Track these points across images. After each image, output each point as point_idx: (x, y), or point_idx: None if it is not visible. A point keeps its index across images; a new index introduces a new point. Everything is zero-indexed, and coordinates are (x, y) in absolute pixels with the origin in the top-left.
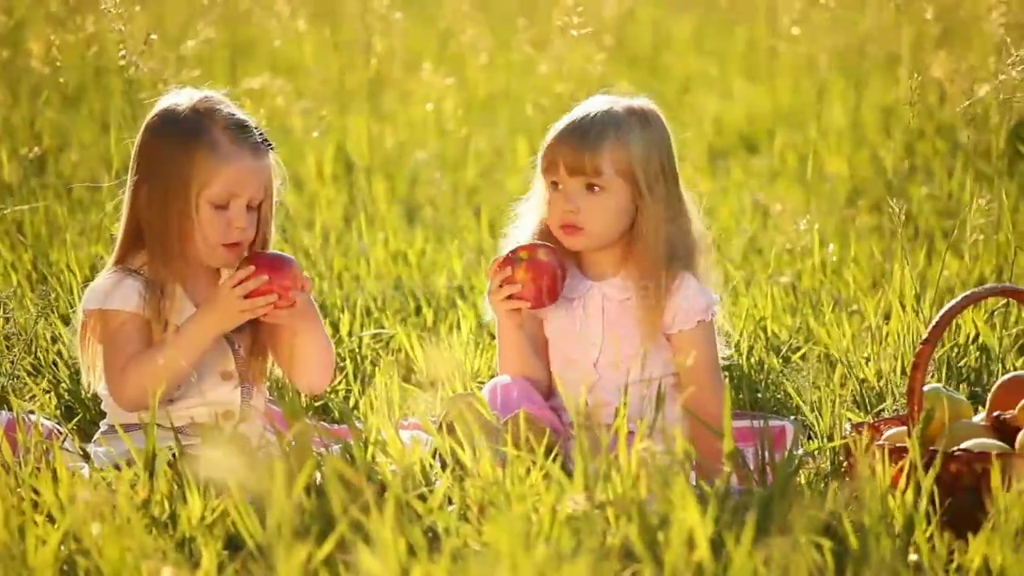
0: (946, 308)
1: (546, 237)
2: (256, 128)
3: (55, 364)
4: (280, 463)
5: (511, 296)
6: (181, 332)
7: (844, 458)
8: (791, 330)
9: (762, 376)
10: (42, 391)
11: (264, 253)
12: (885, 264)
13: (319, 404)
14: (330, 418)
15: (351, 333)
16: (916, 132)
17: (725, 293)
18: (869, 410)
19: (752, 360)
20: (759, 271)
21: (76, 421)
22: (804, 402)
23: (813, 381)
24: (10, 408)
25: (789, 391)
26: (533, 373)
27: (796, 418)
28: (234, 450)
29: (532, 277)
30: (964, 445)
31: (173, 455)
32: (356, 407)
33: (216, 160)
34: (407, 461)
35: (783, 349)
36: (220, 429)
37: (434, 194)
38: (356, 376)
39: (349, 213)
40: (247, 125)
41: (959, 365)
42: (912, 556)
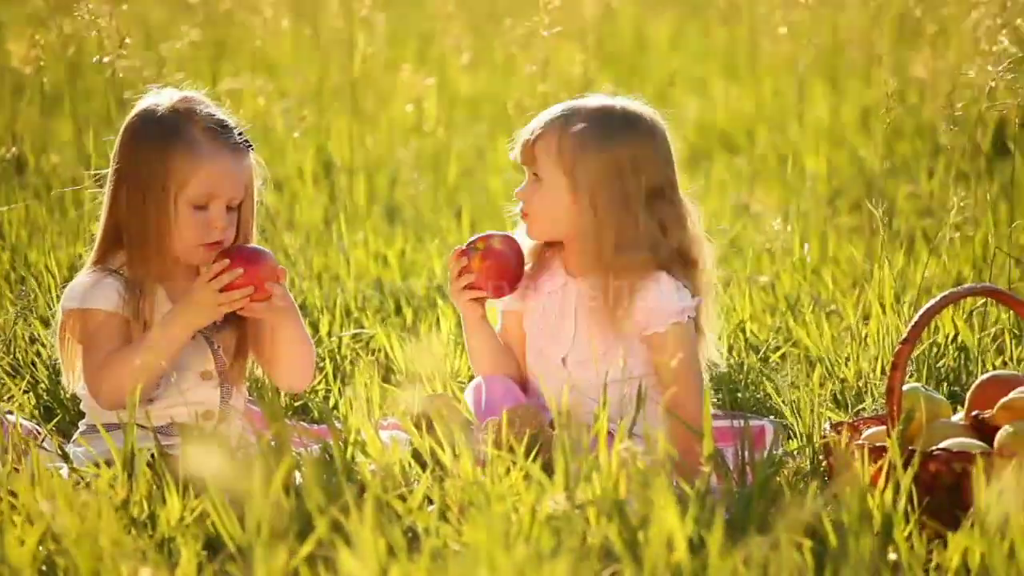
0: (925, 308)
1: None
2: (236, 128)
3: (34, 364)
4: (259, 463)
5: (469, 286)
6: (159, 329)
7: (824, 458)
8: (771, 330)
9: (742, 376)
10: (21, 391)
11: (239, 247)
12: (865, 264)
13: (299, 404)
14: (310, 418)
15: (331, 333)
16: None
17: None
18: (848, 410)
19: (732, 360)
20: (739, 271)
21: (55, 422)
22: (784, 402)
23: (793, 381)
24: None
25: (769, 391)
26: (504, 369)
27: (776, 418)
28: (214, 450)
29: (488, 266)
30: (943, 444)
31: (152, 455)
32: (336, 407)
33: (195, 160)
34: (387, 461)
35: (762, 349)
36: (200, 429)
37: (414, 194)
38: (336, 376)
39: (329, 213)
40: (226, 125)
41: (938, 365)
42: (891, 555)
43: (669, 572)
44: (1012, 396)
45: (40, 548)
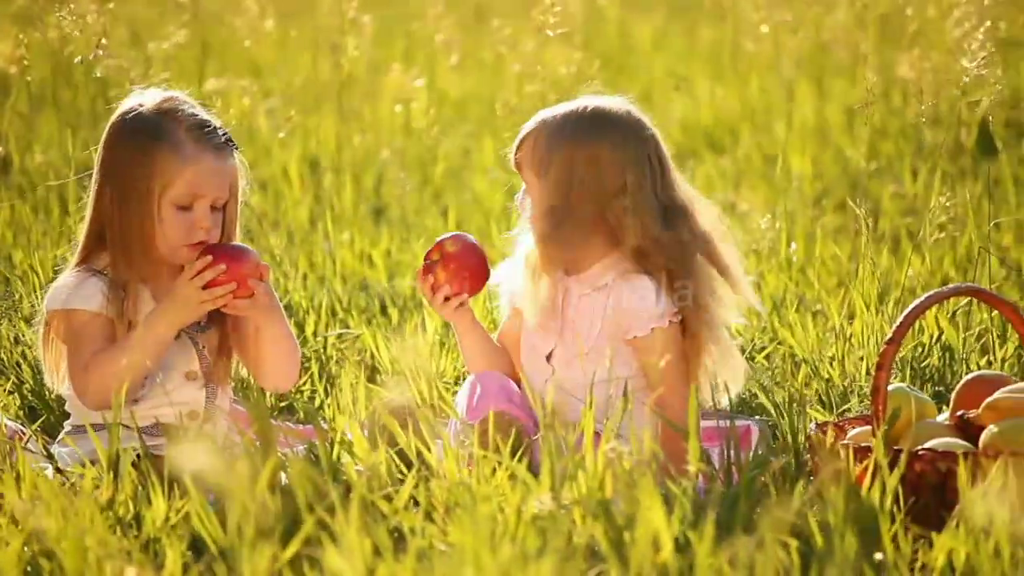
0: (910, 308)
1: None
2: (220, 128)
3: (18, 365)
4: (244, 463)
5: (447, 298)
6: (143, 328)
7: (809, 457)
8: (756, 330)
9: None
10: (5, 392)
11: (221, 244)
12: (850, 264)
13: (284, 404)
14: (295, 418)
15: (316, 333)
16: (881, 132)
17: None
18: (834, 410)
19: None
20: None
21: (40, 422)
22: (769, 402)
23: (778, 381)
24: None
25: (754, 391)
26: (499, 368)
27: (761, 418)
28: (199, 450)
29: (453, 270)
30: (928, 444)
31: (138, 455)
32: (321, 407)
33: (178, 161)
34: (372, 461)
35: (748, 349)
36: (185, 429)
37: (400, 194)
38: (321, 376)
39: (315, 213)
40: (211, 125)
41: (923, 365)
42: (877, 555)
43: (655, 572)
44: (997, 396)
45: (25, 549)
